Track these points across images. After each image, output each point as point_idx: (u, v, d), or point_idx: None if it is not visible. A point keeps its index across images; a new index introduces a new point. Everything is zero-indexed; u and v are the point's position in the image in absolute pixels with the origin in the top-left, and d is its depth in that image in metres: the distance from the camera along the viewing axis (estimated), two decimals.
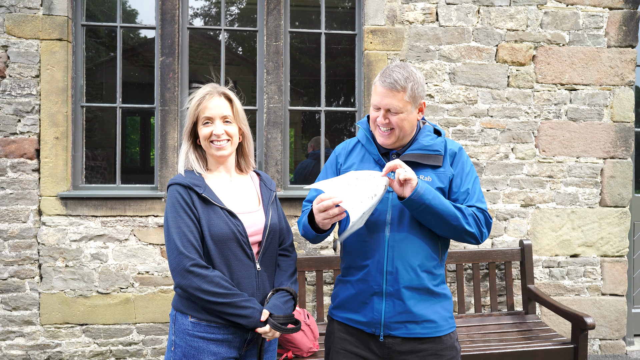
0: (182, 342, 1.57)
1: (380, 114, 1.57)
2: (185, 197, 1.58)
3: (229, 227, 1.58)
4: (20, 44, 3.09)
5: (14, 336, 3.11)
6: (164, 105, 3.24)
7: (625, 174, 3.50)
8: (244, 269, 1.60)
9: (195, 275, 1.51)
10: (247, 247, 1.61)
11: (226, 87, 1.73)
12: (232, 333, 1.59)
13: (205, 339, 1.56)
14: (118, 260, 3.17)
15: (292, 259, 1.79)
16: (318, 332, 2.82)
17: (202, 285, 1.51)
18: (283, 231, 1.78)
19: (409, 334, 1.58)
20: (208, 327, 1.57)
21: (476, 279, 3.28)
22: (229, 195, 1.68)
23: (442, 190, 1.60)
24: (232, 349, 1.60)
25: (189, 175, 1.64)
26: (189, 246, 1.54)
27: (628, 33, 3.49)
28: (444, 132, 1.70)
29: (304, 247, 3.31)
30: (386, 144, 1.62)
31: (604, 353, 3.52)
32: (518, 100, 3.43)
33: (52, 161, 3.11)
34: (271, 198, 1.76)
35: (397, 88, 1.53)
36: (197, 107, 1.66)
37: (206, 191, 1.61)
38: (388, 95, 1.54)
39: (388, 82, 1.54)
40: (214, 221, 1.58)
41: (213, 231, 1.56)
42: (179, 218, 1.56)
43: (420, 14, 3.36)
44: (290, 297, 1.67)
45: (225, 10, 3.45)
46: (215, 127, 1.64)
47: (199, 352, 1.55)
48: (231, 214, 1.60)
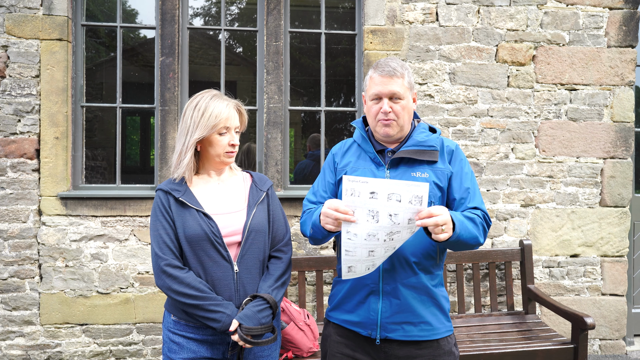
0: (167, 338, 1.63)
1: (384, 102, 1.57)
2: (164, 201, 1.64)
3: (201, 227, 1.59)
4: (20, 44, 3.09)
5: (14, 336, 3.11)
6: (164, 105, 3.24)
7: (625, 174, 3.50)
8: (220, 270, 1.60)
9: (167, 275, 1.56)
10: (221, 247, 1.60)
11: (237, 100, 1.77)
12: (212, 334, 1.60)
13: (185, 337, 1.60)
14: (118, 260, 3.17)
15: (282, 261, 1.74)
16: (318, 332, 2.82)
17: (173, 286, 1.55)
18: (277, 229, 1.75)
19: (406, 336, 1.55)
20: (187, 326, 1.61)
21: (476, 279, 3.28)
22: (212, 198, 1.69)
23: (440, 187, 1.59)
24: (213, 350, 1.61)
25: (174, 182, 1.69)
26: (164, 247, 1.59)
27: (628, 33, 3.49)
28: (440, 130, 1.70)
29: (304, 247, 3.30)
30: (389, 134, 1.60)
31: (604, 353, 3.52)
32: (518, 100, 3.43)
33: (52, 161, 3.11)
34: (260, 198, 1.73)
35: (397, 74, 1.57)
36: (218, 117, 1.64)
37: (185, 195, 1.64)
38: (389, 82, 1.57)
39: (387, 71, 1.57)
40: (188, 222, 1.60)
41: (187, 232, 1.60)
42: (157, 222, 1.63)
43: (420, 14, 3.36)
44: (267, 305, 1.58)
45: (225, 10, 3.45)
46: (233, 137, 1.69)
47: (180, 348, 1.60)
48: (206, 215, 1.62)
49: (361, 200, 1.37)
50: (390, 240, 1.39)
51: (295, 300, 3.23)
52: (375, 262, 1.45)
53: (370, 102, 1.62)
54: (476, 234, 1.51)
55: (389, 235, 1.38)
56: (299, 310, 2.77)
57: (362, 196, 1.37)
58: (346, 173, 1.65)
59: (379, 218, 1.36)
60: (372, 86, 1.60)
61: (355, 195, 1.37)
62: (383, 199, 1.35)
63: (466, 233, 1.46)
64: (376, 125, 1.63)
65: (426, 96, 3.37)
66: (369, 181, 1.37)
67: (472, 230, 1.49)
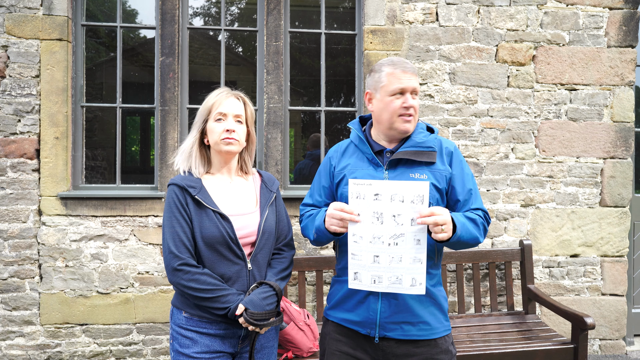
0: (177, 334, 1.65)
1: (407, 97, 1.58)
2: (180, 198, 1.63)
3: (219, 230, 1.61)
4: (20, 44, 3.09)
5: (14, 336, 3.11)
6: (164, 105, 3.24)
7: (625, 174, 3.50)
8: (235, 268, 1.65)
9: (184, 273, 1.58)
10: (237, 248, 1.64)
11: (241, 92, 1.79)
12: (224, 329, 1.64)
13: (199, 333, 1.63)
14: (118, 260, 3.17)
15: (284, 257, 1.80)
16: (318, 332, 2.82)
17: (190, 284, 1.57)
18: (282, 229, 1.81)
19: (404, 335, 1.56)
20: (200, 322, 1.63)
21: (476, 279, 3.28)
22: (226, 198, 1.70)
23: (438, 189, 1.59)
24: (225, 344, 1.65)
25: (188, 177, 1.69)
26: (181, 245, 1.60)
27: (628, 33, 3.48)
28: (437, 129, 1.70)
29: (304, 247, 3.31)
30: (409, 130, 1.62)
31: (604, 353, 3.52)
32: (518, 100, 3.43)
33: (52, 161, 3.11)
34: (270, 199, 1.77)
35: (415, 72, 1.61)
36: (212, 103, 1.70)
37: (200, 193, 1.64)
38: (412, 78, 1.59)
39: (409, 67, 1.60)
40: (205, 223, 1.62)
41: (204, 233, 1.61)
42: (173, 218, 1.62)
43: (420, 14, 3.36)
44: (273, 292, 1.64)
45: (225, 10, 3.45)
46: (228, 123, 1.68)
47: (194, 343, 1.62)
48: (223, 216, 1.64)
49: (366, 202, 1.43)
50: (394, 245, 1.43)
51: (295, 300, 3.23)
52: (381, 273, 1.45)
53: (391, 97, 1.60)
54: (476, 234, 1.56)
55: (392, 238, 1.42)
56: (299, 310, 2.77)
57: (367, 198, 1.43)
58: (344, 176, 1.65)
59: (383, 220, 1.41)
60: (394, 81, 1.59)
61: (361, 198, 1.44)
62: (386, 199, 1.41)
63: (467, 234, 1.51)
64: (396, 121, 1.61)
65: (426, 96, 3.37)
66: (373, 183, 1.43)
67: (472, 231, 1.53)
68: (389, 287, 1.45)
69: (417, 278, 1.43)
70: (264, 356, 1.74)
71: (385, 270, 1.45)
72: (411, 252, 1.43)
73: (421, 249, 1.42)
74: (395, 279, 1.44)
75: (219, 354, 1.63)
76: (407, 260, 1.43)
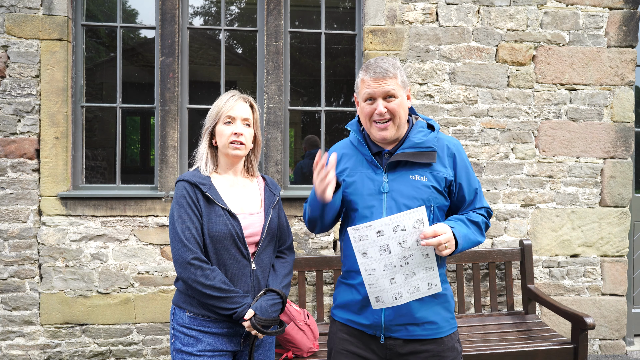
0: (180, 333, 1.66)
1: (379, 103, 1.55)
2: (191, 194, 1.66)
3: (227, 227, 1.64)
4: (20, 44, 3.09)
5: (14, 336, 3.11)
6: (164, 105, 3.24)
7: (625, 174, 3.50)
8: (240, 267, 1.67)
9: (196, 267, 1.59)
10: (243, 246, 1.67)
11: (249, 95, 1.83)
12: (227, 327, 1.66)
13: (202, 332, 1.64)
14: (118, 260, 3.17)
15: (287, 261, 1.85)
16: (318, 332, 2.82)
17: (202, 280, 1.59)
18: (283, 234, 1.85)
19: (409, 335, 1.57)
20: (204, 321, 1.65)
21: (476, 279, 3.28)
22: (233, 197, 1.74)
23: (439, 191, 1.59)
24: (228, 342, 1.68)
25: (197, 174, 1.72)
26: (192, 240, 1.62)
27: (628, 33, 3.49)
28: (438, 126, 1.67)
29: (304, 247, 3.31)
30: (386, 137, 1.58)
31: (604, 353, 3.52)
32: (518, 100, 3.43)
33: (52, 161, 3.11)
34: (273, 202, 1.82)
35: (389, 75, 1.55)
36: (222, 106, 1.74)
37: (210, 190, 1.68)
38: (382, 83, 1.54)
39: (379, 73, 1.54)
40: (214, 220, 1.64)
41: (212, 230, 1.64)
42: (184, 213, 1.64)
43: (420, 14, 3.36)
44: (280, 300, 1.70)
45: (225, 10, 3.45)
46: (236, 126, 1.72)
47: (197, 341, 1.63)
48: (231, 214, 1.67)
49: (370, 241, 1.47)
50: (406, 264, 1.49)
51: (295, 300, 3.23)
52: (400, 290, 1.50)
53: (364, 103, 1.59)
54: (477, 239, 1.61)
55: (403, 260, 1.48)
56: (299, 310, 2.77)
57: (370, 237, 1.47)
58: (344, 180, 1.65)
59: (390, 249, 1.47)
60: (363, 88, 1.58)
61: (364, 239, 1.47)
62: (390, 232, 1.46)
63: (468, 244, 1.57)
64: (371, 127, 1.60)
65: (426, 96, 3.37)
66: (373, 224, 1.46)
67: (473, 239, 1.59)
68: (409, 297, 1.51)
69: (432, 282, 1.52)
70: (263, 353, 1.77)
71: (403, 286, 1.50)
72: (422, 265, 1.50)
73: (431, 260, 1.50)
74: (413, 289, 1.51)
75: (222, 352, 1.66)
76: (420, 272, 1.50)
